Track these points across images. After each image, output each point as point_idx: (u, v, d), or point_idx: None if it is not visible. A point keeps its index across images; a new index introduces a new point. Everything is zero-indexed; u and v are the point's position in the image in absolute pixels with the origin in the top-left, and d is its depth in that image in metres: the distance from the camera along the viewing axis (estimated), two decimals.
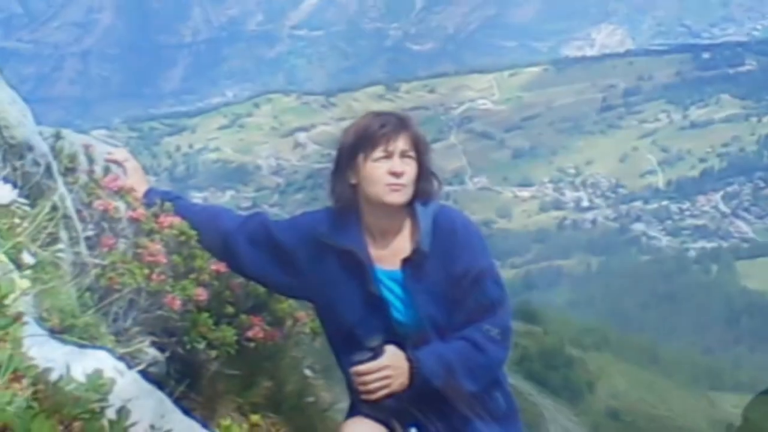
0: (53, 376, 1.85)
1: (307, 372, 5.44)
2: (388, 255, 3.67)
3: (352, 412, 3.70)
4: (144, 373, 2.77)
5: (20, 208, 3.11)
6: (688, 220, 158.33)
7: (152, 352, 4.00)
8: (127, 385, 2.31)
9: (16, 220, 3.04)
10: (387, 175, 3.59)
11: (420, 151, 3.67)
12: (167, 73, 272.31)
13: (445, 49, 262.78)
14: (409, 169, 3.62)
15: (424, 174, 3.67)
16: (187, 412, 2.86)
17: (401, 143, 3.62)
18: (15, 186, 2.48)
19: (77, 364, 2.11)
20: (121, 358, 2.62)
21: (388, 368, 3.53)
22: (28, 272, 2.74)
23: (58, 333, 2.87)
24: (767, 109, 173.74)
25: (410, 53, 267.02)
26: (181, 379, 4.13)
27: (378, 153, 3.60)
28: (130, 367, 2.50)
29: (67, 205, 3.70)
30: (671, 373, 68.39)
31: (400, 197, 3.61)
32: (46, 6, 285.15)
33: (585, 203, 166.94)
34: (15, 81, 4.03)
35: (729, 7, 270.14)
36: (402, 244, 3.68)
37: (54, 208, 3.43)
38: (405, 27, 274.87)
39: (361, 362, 3.54)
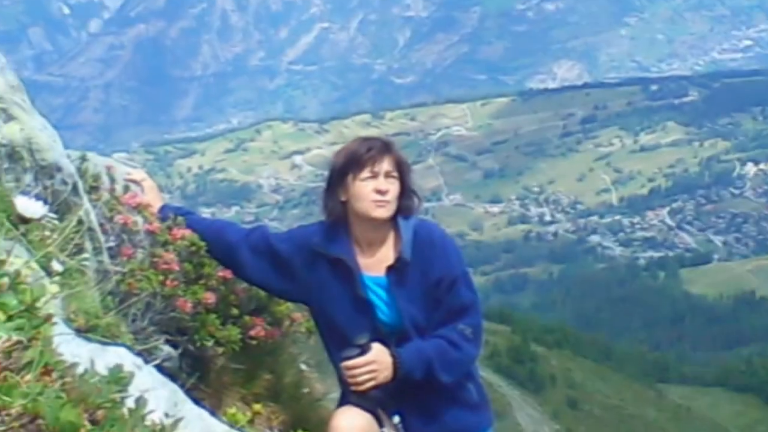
0: (79, 370, 1.85)
1: (303, 366, 5.43)
2: (374, 263, 3.67)
3: (343, 401, 3.69)
4: (159, 368, 2.78)
5: (50, 222, 3.10)
6: (638, 233, 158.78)
7: (166, 349, 4.00)
8: (144, 378, 2.32)
9: (47, 233, 3.04)
10: (373, 192, 3.59)
11: (402, 171, 3.67)
12: (180, 102, 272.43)
13: (424, 82, 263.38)
14: (393, 187, 3.62)
15: (405, 192, 3.66)
16: (197, 401, 2.86)
17: (386, 164, 3.62)
18: (45, 203, 2.48)
19: (100, 360, 2.12)
20: (138, 354, 2.62)
21: (374, 363, 3.53)
22: (57, 278, 2.74)
23: (84, 332, 2.86)
24: (708, 135, 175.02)
25: (393, 85, 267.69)
26: (191, 372, 4.13)
27: (365, 173, 3.60)
28: (146, 362, 2.50)
29: (92, 219, 3.70)
30: (623, 367, 68.42)
31: (385, 212, 3.61)
32: (73, 44, 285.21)
33: (548, 218, 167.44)
34: (45, 110, 4.04)
35: (674, 45, 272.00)
36: (386, 254, 3.67)
37: (80, 222, 3.43)
38: (389, 62, 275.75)
39: (350, 358, 3.54)
